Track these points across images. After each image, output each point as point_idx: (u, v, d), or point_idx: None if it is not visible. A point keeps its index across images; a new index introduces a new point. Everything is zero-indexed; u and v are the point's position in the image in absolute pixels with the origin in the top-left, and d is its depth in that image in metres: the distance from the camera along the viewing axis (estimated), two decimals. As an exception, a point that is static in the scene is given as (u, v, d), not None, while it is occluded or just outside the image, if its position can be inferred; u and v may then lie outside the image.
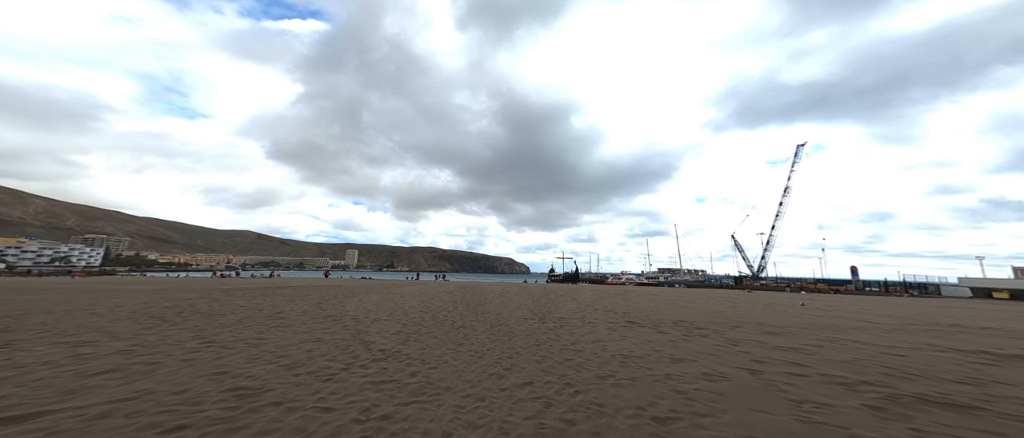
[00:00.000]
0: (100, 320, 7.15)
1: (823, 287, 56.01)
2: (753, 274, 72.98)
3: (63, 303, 9.87)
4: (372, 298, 12.87)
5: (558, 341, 6.39)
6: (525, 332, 7.23)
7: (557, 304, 13.15)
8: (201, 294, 13.11)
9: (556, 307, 12.15)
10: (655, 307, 12.80)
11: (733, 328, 8.16)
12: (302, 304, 10.77)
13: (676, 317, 10.01)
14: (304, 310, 9.36)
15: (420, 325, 7.68)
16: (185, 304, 9.97)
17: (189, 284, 20.22)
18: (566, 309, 11.67)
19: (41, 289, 16.09)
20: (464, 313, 9.90)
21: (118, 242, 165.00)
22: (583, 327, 8.02)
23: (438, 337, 6.49)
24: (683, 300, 16.83)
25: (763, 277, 71.51)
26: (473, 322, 8.42)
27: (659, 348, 5.91)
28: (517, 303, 13.02)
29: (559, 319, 9.26)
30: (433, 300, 12.99)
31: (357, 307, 10.37)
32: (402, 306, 10.82)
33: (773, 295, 28.80)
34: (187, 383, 3.43)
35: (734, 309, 13.04)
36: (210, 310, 8.98)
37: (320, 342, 5.67)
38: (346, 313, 9.12)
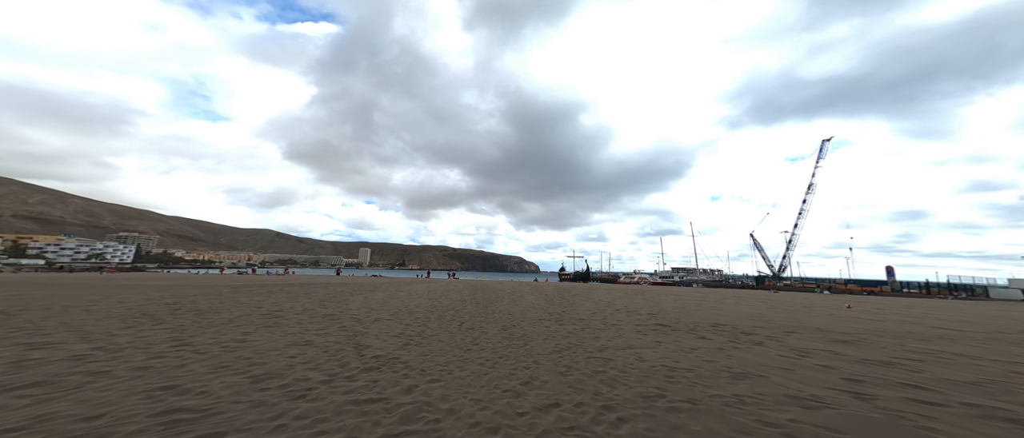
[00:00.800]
0: (87, 318, 6.68)
1: (854, 288, 52.61)
2: (774, 274, 69.63)
3: (70, 299, 9.63)
4: (378, 296, 12.25)
5: (582, 347, 5.47)
6: (542, 335, 6.34)
7: (573, 304, 12.18)
8: (209, 291, 12.84)
9: (572, 307, 11.19)
10: (682, 308, 11.64)
11: (787, 334, 7.01)
12: (305, 302, 10.22)
13: (711, 319, 8.89)
14: (304, 308, 8.75)
15: (424, 326, 6.90)
16: (187, 301, 9.56)
17: (203, 281, 20.30)
18: (584, 309, 10.70)
19: (64, 284, 16.32)
20: (474, 313, 9.09)
21: (148, 240, 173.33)
22: (607, 330, 7.06)
23: (443, 341, 5.68)
24: (709, 300, 15.52)
25: (785, 277, 68.15)
26: (483, 323, 7.59)
27: (708, 358, 4.90)
28: (530, 302, 12.13)
29: (578, 320, 8.31)
30: (441, 299, 12.26)
31: (360, 306, 9.72)
32: (408, 305, 10.11)
33: (805, 296, 26.84)
34: (114, 402, 2.71)
35: (773, 311, 11.73)
36: (208, 307, 8.49)
37: (308, 346, 4.94)
38: (347, 312, 8.45)
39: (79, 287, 14.13)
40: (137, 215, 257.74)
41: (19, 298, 9.66)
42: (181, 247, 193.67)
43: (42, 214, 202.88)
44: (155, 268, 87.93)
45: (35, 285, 15.03)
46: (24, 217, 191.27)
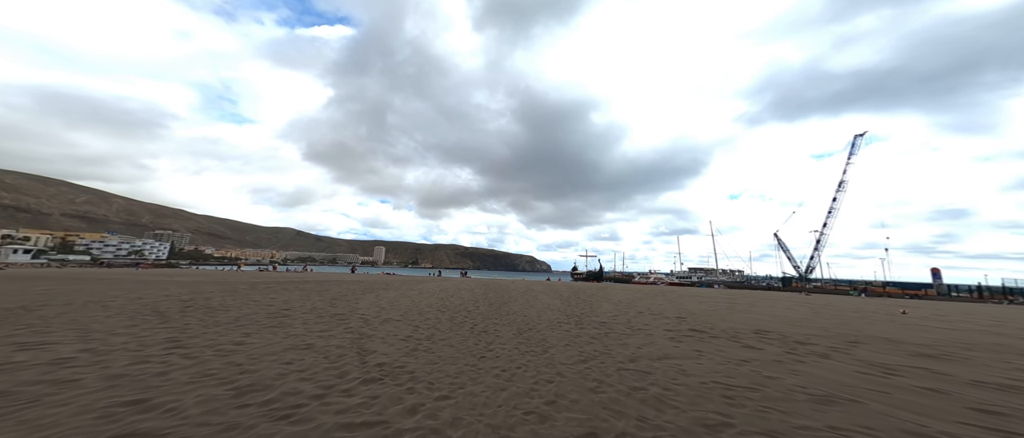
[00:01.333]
0: (99, 315, 6.56)
1: (894, 291, 48.93)
2: (800, 275, 66.00)
3: (96, 294, 9.74)
4: (389, 295, 11.93)
5: (610, 356, 4.81)
6: (563, 340, 5.71)
7: (591, 305, 11.45)
8: (227, 287, 12.89)
9: (591, 308, 10.48)
10: (712, 311, 10.70)
11: (852, 344, 6.07)
12: (316, 300, 9.98)
13: (751, 324, 7.98)
14: (313, 307, 8.47)
15: (435, 329, 6.40)
16: (202, 298, 9.48)
17: (225, 277, 20.75)
18: (603, 311, 9.98)
19: (98, 279, 16.97)
20: (486, 314, 8.55)
21: (181, 237, 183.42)
22: (634, 336, 6.34)
23: (455, 346, 5.15)
24: (740, 303, 14.40)
25: (812, 278, 64.46)
26: (497, 325, 7.03)
27: (768, 373, 4.14)
28: (545, 303, 11.50)
29: (599, 324, 7.62)
30: (453, 298, 11.81)
31: (370, 305, 9.37)
32: (418, 304, 9.69)
33: (843, 299, 24.88)
34: (59, 423, 2.29)
35: (819, 316, 10.60)
36: (220, 304, 8.33)
37: (308, 350, 4.51)
38: (356, 312, 8.09)
39: (110, 282, 14.56)
40: (171, 214, 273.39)
41: (49, 292, 9.86)
42: (211, 244, 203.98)
43: (88, 213, 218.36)
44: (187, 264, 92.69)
45: (72, 279, 15.64)
46: (72, 215, 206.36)
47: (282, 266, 46.05)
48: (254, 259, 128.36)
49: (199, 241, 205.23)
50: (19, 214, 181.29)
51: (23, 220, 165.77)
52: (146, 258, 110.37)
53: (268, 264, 59.82)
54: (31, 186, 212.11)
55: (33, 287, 11.45)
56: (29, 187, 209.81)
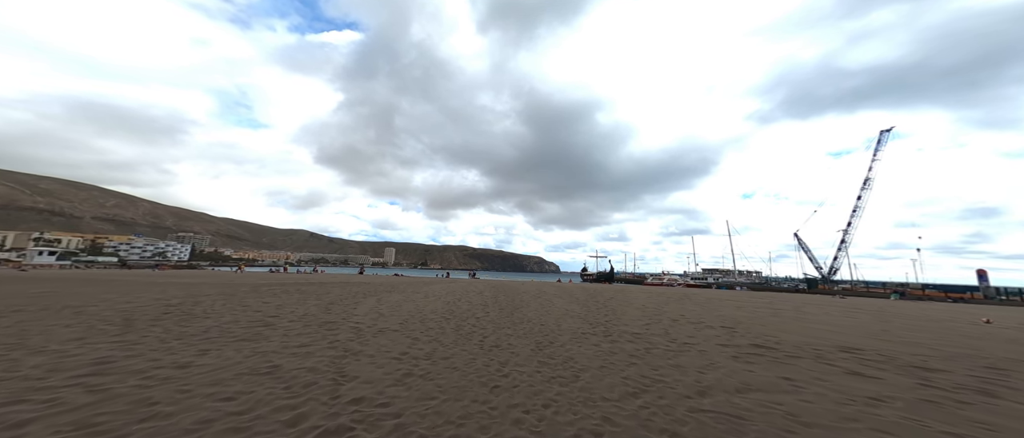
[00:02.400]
0: (58, 323, 5.78)
1: (935, 293, 45.33)
2: (824, 276, 62.52)
3: (82, 297, 9.06)
4: (392, 298, 10.94)
5: (667, 386, 3.59)
6: (595, 360, 4.52)
7: (613, 310, 10.17)
8: (226, 290, 12.21)
9: (614, 314, 9.22)
10: (758, 318, 9.25)
11: (996, 371, 4.58)
12: (312, 304, 9.07)
13: (826, 338, 6.54)
14: (305, 313, 7.51)
15: (437, 343, 5.30)
16: (190, 303, 8.69)
17: (232, 278, 20.31)
18: (630, 318, 8.70)
19: (107, 280, 16.70)
20: (497, 321, 7.42)
21: (202, 239, 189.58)
22: (685, 353, 5.08)
23: (460, 368, 4.04)
24: (783, 308, 12.81)
25: (836, 279, 60.98)
26: (510, 337, 5.89)
27: (944, 424, 2.83)
28: (561, 308, 10.28)
29: (632, 335, 6.38)
30: (460, 302, 10.73)
31: (369, 310, 8.37)
32: (422, 310, 8.64)
33: (888, 304, 22.70)
34: None
35: (892, 326, 9.00)
36: (204, 311, 7.47)
37: (269, 375, 3.47)
38: (350, 319, 7.09)
39: (116, 284, 14.20)
40: (193, 217, 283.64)
41: (41, 295, 9.29)
42: (229, 246, 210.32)
43: (116, 216, 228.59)
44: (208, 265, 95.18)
45: (81, 281, 15.36)
46: (102, 219, 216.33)
47: (294, 267, 46.19)
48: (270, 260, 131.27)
49: (219, 243, 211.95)
50: (54, 218, 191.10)
51: (57, 223, 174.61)
52: (168, 260, 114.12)
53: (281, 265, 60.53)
54: (65, 191, 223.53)
55: (31, 289, 10.97)
56: (63, 192, 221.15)
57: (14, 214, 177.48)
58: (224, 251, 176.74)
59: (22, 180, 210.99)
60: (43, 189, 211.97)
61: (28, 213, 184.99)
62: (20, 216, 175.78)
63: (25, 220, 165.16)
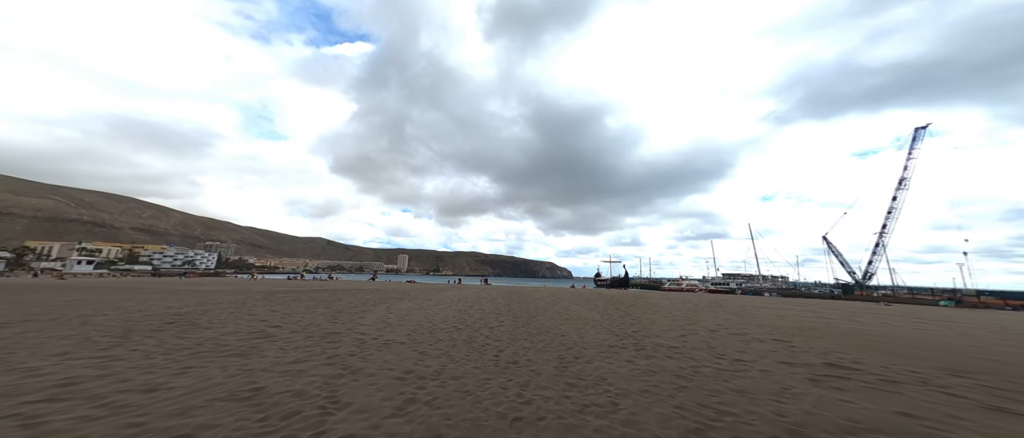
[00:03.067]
0: (57, 333, 5.54)
1: (992, 300, 41.28)
2: (857, 282, 58.51)
3: (99, 306, 9.03)
4: (402, 306, 10.45)
5: (740, 420, 2.84)
6: (635, 382, 3.78)
7: (639, 318, 9.29)
8: (238, 298, 12.11)
9: (641, 323, 8.36)
10: (807, 328, 8.16)
11: None
12: (319, 312, 8.67)
13: (925, 358, 5.49)
14: (309, 323, 7.08)
15: (446, 358, 4.69)
16: (198, 311, 8.47)
17: (249, 286, 20.51)
18: (660, 328, 7.83)
19: (133, 288, 17.10)
20: (513, 332, 6.74)
21: (227, 248, 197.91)
22: (743, 374, 4.25)
23: (472, 392, 3.40)
24: (833, 317, 11.50)
25: (872, 285, 56.94)
26: (529, 351, 5.21)
27: None
28: (580, 315, 9.50)
29: (669, 348, 5.57)
30: (472, 309, 10.11)
31: (377, 319, 7.88)
32: (432, 319, 8.07)
33: (953, 313, 20.54)
34: None
35: (978, 340, 7.75)
36: (209, 320, 7.17)
37: (246, 402, 2.94)
38: (356, 329, 6.59)
39: (138, 291, 14.49)
40: (219, 226, 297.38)
41: (66, 304, 9.34)
42: (253, 254, 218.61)
43: (151, 226, 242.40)
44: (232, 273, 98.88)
45: (109, 289, 15.77)
46: (138, 229, 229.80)
47: (310, 274, 46.99)
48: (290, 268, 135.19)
49: (243, 251, 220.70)
50: (96, 228, 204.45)
51: (99, 234, 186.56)
52: (196, 268, 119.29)
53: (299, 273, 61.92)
54: (105, 203, 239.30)
55: (60, 297, 11.15)
56: (103, 204, 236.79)
57: (60, 226, 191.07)
58: (248, 259, 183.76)
59: (68, 194, 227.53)
60: (87, 202, 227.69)
61: (73, 224, 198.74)
62: (66, 227, 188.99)
63: (71, 231, 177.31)
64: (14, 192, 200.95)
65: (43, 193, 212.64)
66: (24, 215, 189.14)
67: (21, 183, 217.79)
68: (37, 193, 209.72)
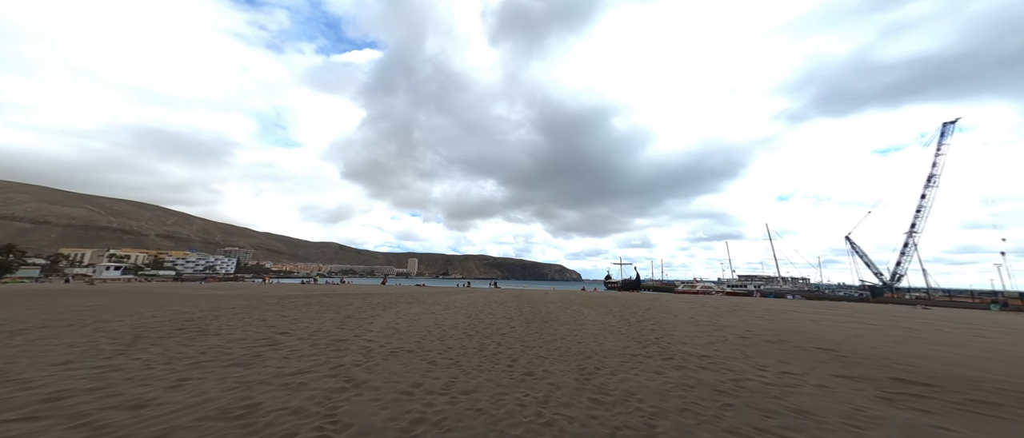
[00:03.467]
0: (66, 340, 5.47)
1: (1040, 302, 38.38)
2: (885, 284, 55.55)
3: (116, 311, 9.09)
4: (412, 311, 10.20)
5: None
6: (670, 399, 3.34)
7: (659, 323, 8.77)
8: (252, 302, 12.15)
9: (662, 328, 7.86)
10: (860, 337, 7.47)
11: None
12: (328, 318, 8.49)
13: (1009, 374, 4.84)
14: (317, 329, 6.88)
15: (457, 368, 4.35)
16: (210, 316, 8.43)
17: (265, 290, 20.76)
18: (684, 334, 7.31)
19: (153, 293, 17.48)
20: (525, 338, 6.36)
21: (246, 253, 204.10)
22: (797, 390, 3.76)
23: (486, 411, 3.04)
24: (878, 323, 10.63)
25: (903, 287, 53.94)
26: (545, 360, 4.82)
27: None
28: (596, 320, 9.03)
29: (702, 358, 5.08)
30: (482, 314, 9.77)
31: (385, 325, 7.62)
32: (442, 324, 7.76)
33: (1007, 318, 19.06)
34: None
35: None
36: (218, 326, 7.06)
37: (235, 422, 2.66)
38: (364, 335, 6.34)
39: (158, 296, 14.72)
40: (238, 232, 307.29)
41: (88, 309, 9.44)
42: (270, 259, 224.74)
43: (175, 233, 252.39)
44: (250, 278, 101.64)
45: (131, 294, 16.15)
46: (163, 236, 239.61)
47: (323, 278, 47.63)
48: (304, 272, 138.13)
49: (260, 256, 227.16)
50: (125, 235, 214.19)
51: (127, 241, 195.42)
52: (217, 272, 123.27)
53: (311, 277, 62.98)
54: (133, 211, 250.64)
55: (84, 302, 11.40)
56: (131, 212, 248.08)
57: (92, 233, 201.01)
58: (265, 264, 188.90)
59: (99, 203, 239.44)
60: (116, 210, 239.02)
61: (104, 232, 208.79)
62: (97, 235, 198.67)
63: (102, 239, 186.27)
64: (49, 202, 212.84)
65: (76, 202, 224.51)
66: (59, 223, 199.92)
67: (56, 193, 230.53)
68: (71, 202, 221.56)
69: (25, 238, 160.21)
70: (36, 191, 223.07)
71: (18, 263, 61.23)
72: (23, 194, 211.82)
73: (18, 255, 62.58)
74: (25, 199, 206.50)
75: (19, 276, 55.29)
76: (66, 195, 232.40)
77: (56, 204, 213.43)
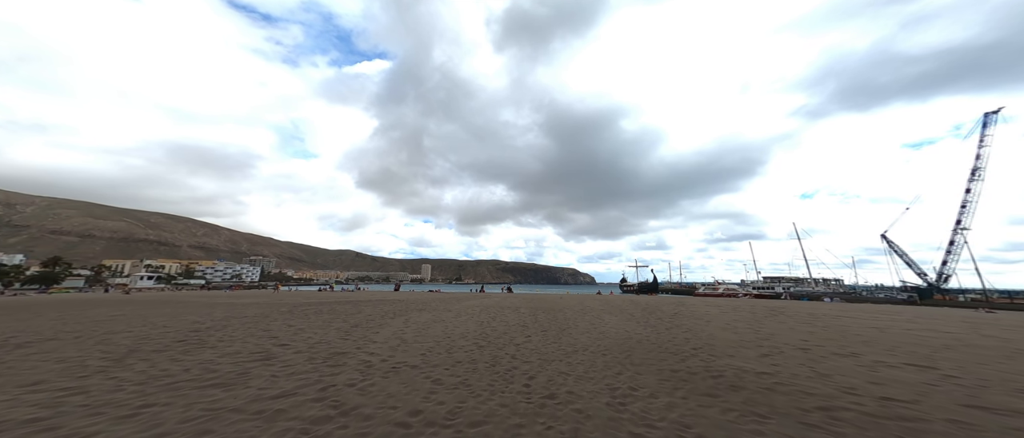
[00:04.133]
0: (55, 354, 5.16)
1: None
2: (930, 285, 51.09)
3: (135, 321, 9.03)
4: (421, 319, 9.63)
5: None
6: (743, 436, 2.54)
7: (690, 331, 7.81)
8: (264, 310, 11.96)
9: (698, 338, 6.92)
10: (950, 349, 6.29)
11: None
12: (334, 327, 8.03)
13: None
14: (318, 341, 6.38)
15: (465, 388, 3.68)
16: (218, 326, 8.16)
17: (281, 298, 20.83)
18: (727, 343, 6.37)
19: (178, 302, 17.79)
20: (543, 351, 5.62)
21: (269, 262, 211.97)
22: (919, 425, 2.86)
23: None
24: (960, 330, 9.17)
25: (951, 289, 49.47)
26: (567, 378, 4.08)
27: None
28: (618, 328, 8.15)
29: (762, 376, 4.20)
30: (495, 321, 9.08)
31: (392, 335, 7.06)
32: (451, 333, 7.12)
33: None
34: None
35: None
36: (220, 337, 6.71)
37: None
38: (367, 347, 5.78)
39: (182, 304, 14.92)
40: (263, 242, 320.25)
41: (110, 319, 9.39)
42: (292, 267, 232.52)
43: (205, 243, 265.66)
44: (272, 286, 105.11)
45: (155, 303, 16.48)
46: (195, 246, 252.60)
47: (339, 286, 48.28)
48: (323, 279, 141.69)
49: (283, 265, 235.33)
50: (160, 247, 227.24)
51: (163, 252, 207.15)
52: (243, 281, 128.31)
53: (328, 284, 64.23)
54: (167, 223, 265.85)
55: (111, 312, 11.50)
56: (166, 224, 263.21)
57: (132, 245, 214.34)
58: (287, 272, 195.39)
59: (138, 216, 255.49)
60: (153, 223, 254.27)
61: (143, 244, 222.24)
62: (136, 247, 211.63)
63: (140, 250, 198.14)
64: (94, 216, 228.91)
65: (118, 217, 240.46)
66: (103, 236, 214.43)
67: (100, 208, 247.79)
68: (113, 217, 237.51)
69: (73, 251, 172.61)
70: (82, 206, 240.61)
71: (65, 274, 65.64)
72: (71, 210, 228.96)
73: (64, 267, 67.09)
74: (73, 214, 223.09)
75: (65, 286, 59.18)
76: (109, 210, 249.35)
77: (100, 218, 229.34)
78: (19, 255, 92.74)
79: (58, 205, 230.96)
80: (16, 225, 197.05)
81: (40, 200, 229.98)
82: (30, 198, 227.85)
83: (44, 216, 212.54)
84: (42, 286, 53.96)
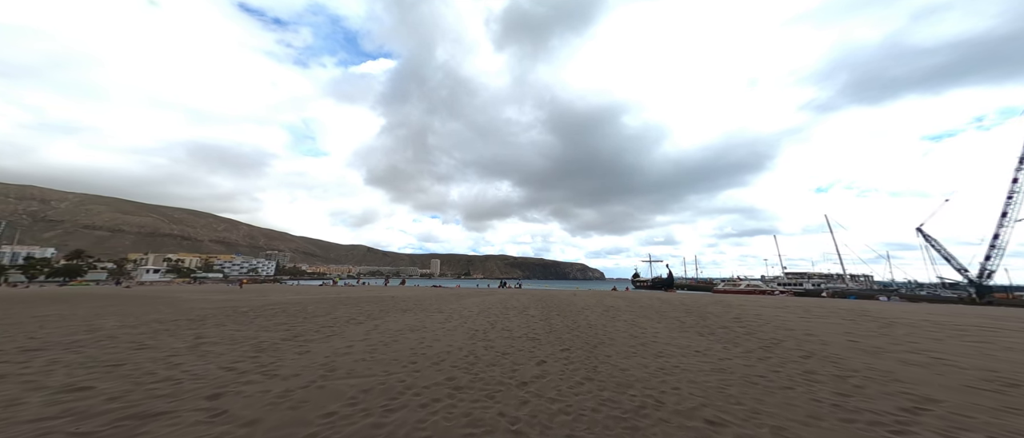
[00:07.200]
0: None
1: None
2: (971, 281, 46.23)
3: (141, 315, 7.30)
4: (398, 323, 7.43)
5: None
6: None
7: (753, 335, 5.32)
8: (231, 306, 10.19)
9: (763, 347, 4.50)
10: None
11: None
12: (266, 336, 5.98)
13: None
14: (203, 371, 4.27)
15: None
16: (165, 329, 6.23)
17: (240, 297, 19.33)
18: (869, 372, 3.89)
19: (169, 296, 16.50)
20: (568, 394, 3.29)
21: (284, 256, 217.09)
22: None
23: None
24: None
25: (993, 286, 44.75)
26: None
27: None
28: (677, 344, 5.70)
29: None
30: (495, 328, 6.81)
31: (326, 357, 4.91)
32: (424, 353, 4.86)
33: None
34: None
35: None
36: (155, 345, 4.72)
37: None
38: (246, 390, 3.62)
39: (160, 300, 13.89)
40: (278, 237, 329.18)
41: (85, 316, 8.00)
42: (306, 262, 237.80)
43: (225, 238, 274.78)
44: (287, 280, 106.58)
45: (145, 298, 15.47)
46: (215, 241, 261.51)
47: (342, 281, 47.16)
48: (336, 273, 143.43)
49: (297, 260, 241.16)
50: (184, 241, 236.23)
51: (185, 246, 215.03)
52: (259, 275, 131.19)
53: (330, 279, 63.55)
54: (190, 219, 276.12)
55: (98, 307, 10.54)
56: (189, 219, 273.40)
57: (158, 239, 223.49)
58: (301, 266, 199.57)
59: (163, 212, 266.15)
60: (177, 218, 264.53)
61: (167, 238, 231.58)
62: (162, 241, 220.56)
63: (166, 244, 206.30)
64: (123, 212, 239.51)
65: (145, 212, 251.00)
66: (131, 231, 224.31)
67: (128, 204, 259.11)
68: (140, 212, 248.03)
69: (103, 245, 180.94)
70: (112, 202, 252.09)
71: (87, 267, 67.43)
72: (101, 206, 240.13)
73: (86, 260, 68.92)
74: (103, 210, 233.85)
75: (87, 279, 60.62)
76: (137, 206, 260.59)
77: (128, 214, 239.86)
78: (51, 249, 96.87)
79: (90, 201, 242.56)
80: (51, 220, 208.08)
81: (73, 196, 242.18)
82: (64, 194, 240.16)
83: (77, 212, 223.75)
84: (64, 279, 55.24)
